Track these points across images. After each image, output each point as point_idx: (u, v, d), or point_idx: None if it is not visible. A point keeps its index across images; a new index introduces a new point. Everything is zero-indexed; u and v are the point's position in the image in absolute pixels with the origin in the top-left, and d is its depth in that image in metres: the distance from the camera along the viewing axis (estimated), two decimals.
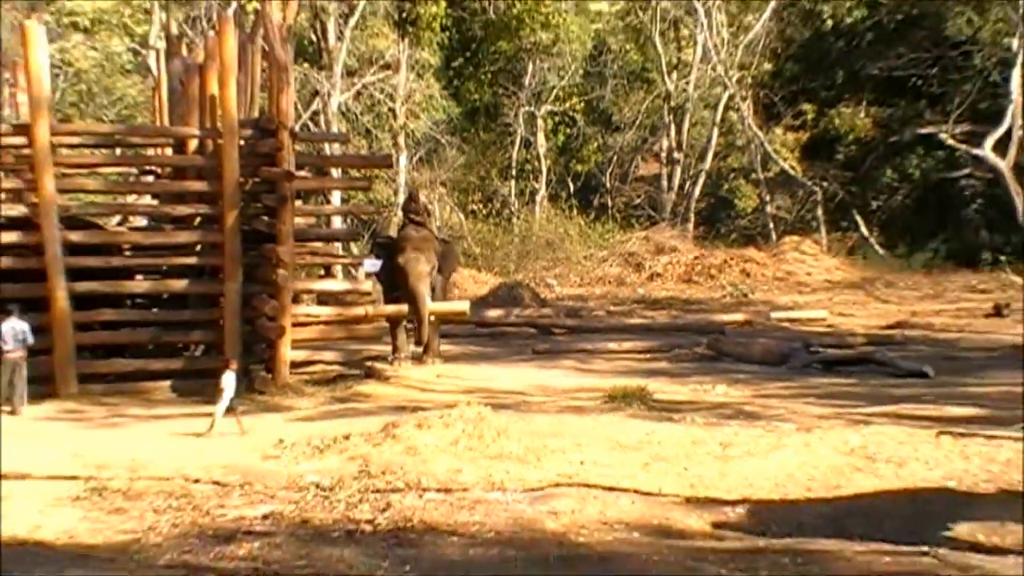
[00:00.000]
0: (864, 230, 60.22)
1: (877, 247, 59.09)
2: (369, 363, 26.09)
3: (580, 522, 16.30)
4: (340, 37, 57.75)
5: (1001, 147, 40.88)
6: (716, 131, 63.83)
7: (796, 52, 64.53)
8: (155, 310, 28.78)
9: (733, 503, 17.10)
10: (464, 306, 32.18)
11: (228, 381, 23.84)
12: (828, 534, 15.30)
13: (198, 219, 29.14)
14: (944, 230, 59.64)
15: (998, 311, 40.11)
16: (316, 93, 54.74)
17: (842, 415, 23.40)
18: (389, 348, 30.30)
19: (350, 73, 58.58)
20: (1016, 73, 47.76)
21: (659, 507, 16.95)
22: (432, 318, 29.98)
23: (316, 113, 53.10)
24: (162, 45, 55.88)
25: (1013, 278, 46.65)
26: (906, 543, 14.12)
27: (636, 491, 17.79)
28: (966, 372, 29.14)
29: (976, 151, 43.62)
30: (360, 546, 15.49)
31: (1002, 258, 52.69)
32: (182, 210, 30.00)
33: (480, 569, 14.31)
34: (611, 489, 17.89)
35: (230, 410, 23.25)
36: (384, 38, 59.76)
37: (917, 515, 15.63)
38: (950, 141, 46.76)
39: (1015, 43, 49.02)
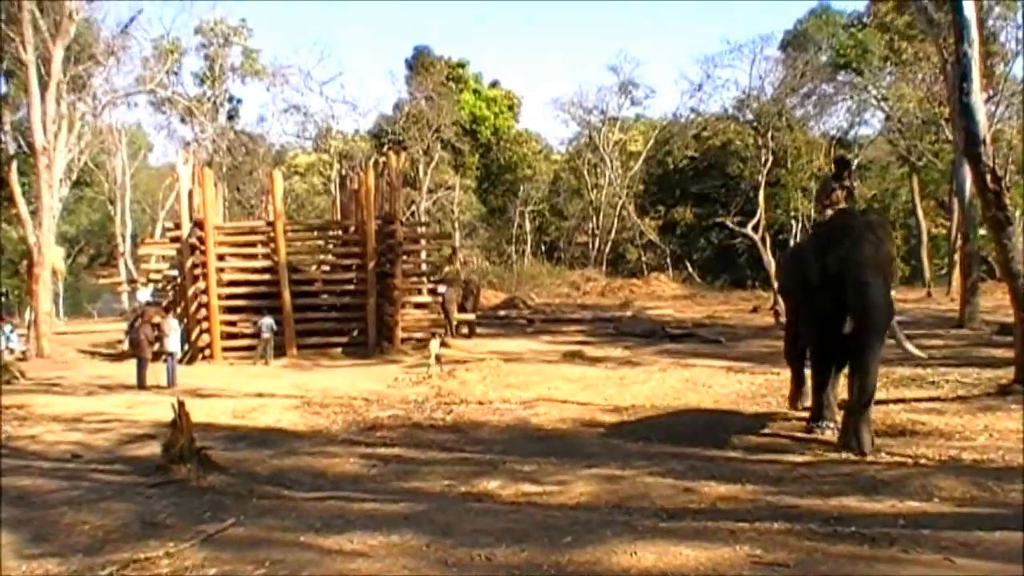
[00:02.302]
0: (690, 269, 60.15)
1: (697, 278, 59.08)
2: (441, 339, 26.10)
3: (549, 419, 16.35)
4: (424, 173, 57.68)
5: (755, 228, 41.23)
6: (616, 219, 63.60)
7: (656, 179, 64.57)
8: (333, 312, 28.70)
9: (627, 408, 17.10)
10: (472, 316, 31.89)
11: (434, 345, 24.24)
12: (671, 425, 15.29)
13: (354, 265, 29.07)
14: (728, 270, 59.57)
15: (754, 310, 40.21)
16: (413, 201, 54.61)
17: (679, 362, 23.34)
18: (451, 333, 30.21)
19: (430, 191, 58.56)
20: (761, 193, 47.77)
21: (589, 411, 16.94)
22: (459, 320, 29.90)
23: (413, 212, 53.02)
24: (336, 179, 56.12)
25: (761, 293, 46.50)
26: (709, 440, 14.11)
27: (578, 402, 17.80)
28: (739, 340, 29.05)
29: (743, 230, 43.72)
30: (438, 431, 15.58)
31: (756, 283, 52.83)
32: (347, 261, 29.98)
33: (499, 442, 14.39)
34: (564, 401, 17.91)
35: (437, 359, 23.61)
36: (447, 173, 59.71)
37: (716, 424, 15.58)
38: (730, 224, 46.81)
39: (761, 177, 48.98)
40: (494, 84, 66.22)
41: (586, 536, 7.49)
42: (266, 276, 27.98)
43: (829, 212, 14.80)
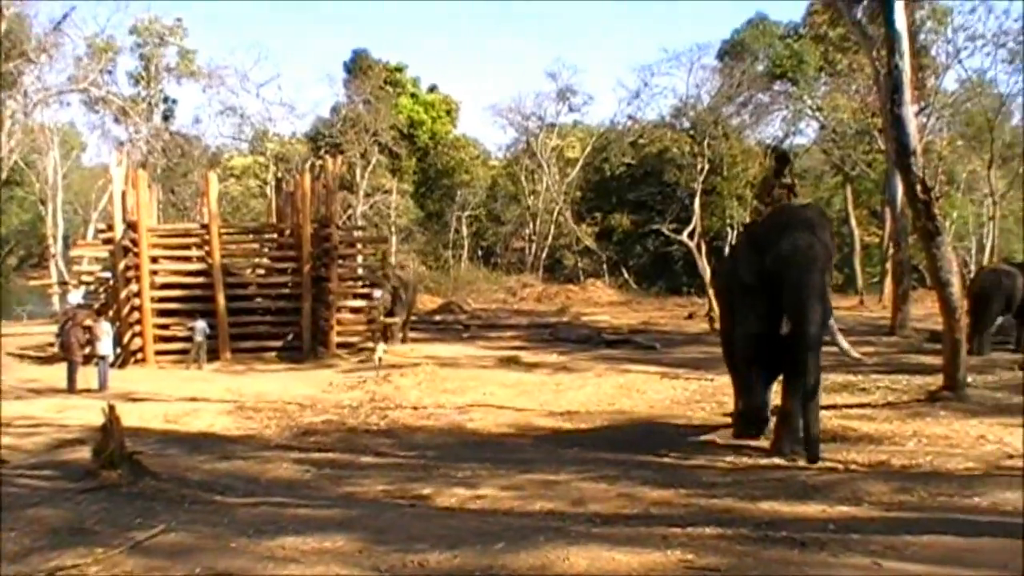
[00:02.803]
0: (627, 276, 60.41)
1: (633, 285, 59.37)
2: (375, 344, 26.04)
3: (485, 424, 16.41)
4: (361, 177, 57.45)
5: (690, 236, 41.59)
6: (553, 226, 63.79)
7: (593, 186, 64.80)
8: (268, 316, 28.53)
9: (562, 413, 17.18)
10: (398, 320, 31.39)
11: (380, 349, 24.45)
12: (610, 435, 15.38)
13: (290, 269, 28.94)
14: (664, 276, 59.95)
15: (690, 316, 40.52)
16: (350, 205, 54.38)
17: (615, 368, 23.48)
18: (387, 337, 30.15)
19: (367, 195, 58.32)
20: (697, 201, 48.17)
21: (525, 416, 17.03)
22: (386, 324, 29.75)
23: (350, 216, 52.77)
24: (272, 182, 55.77)
25: (696, 299, 46.85)
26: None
27: (513, 408, 17.87)
28: (674, 346, 29.25)
29: (679, 237, 44.07)
30: (372, 436, 15.57)
31: (692, 290, 53.16)
32: (282, 265, 29.84)
33: (434, 448, 14.41)
34: (500, 407, 17.98)
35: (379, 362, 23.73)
36: (384, 177, 59.52)
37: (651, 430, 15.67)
38: (666, 232, 47.14)
39: (697, 185, 49.36)
40: (432, 89, 66.16)
41: (520, 542, 7.50)
42: (200, 279, 27.76)
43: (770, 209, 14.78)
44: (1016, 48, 44.41)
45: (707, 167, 54.46)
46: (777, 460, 12.33)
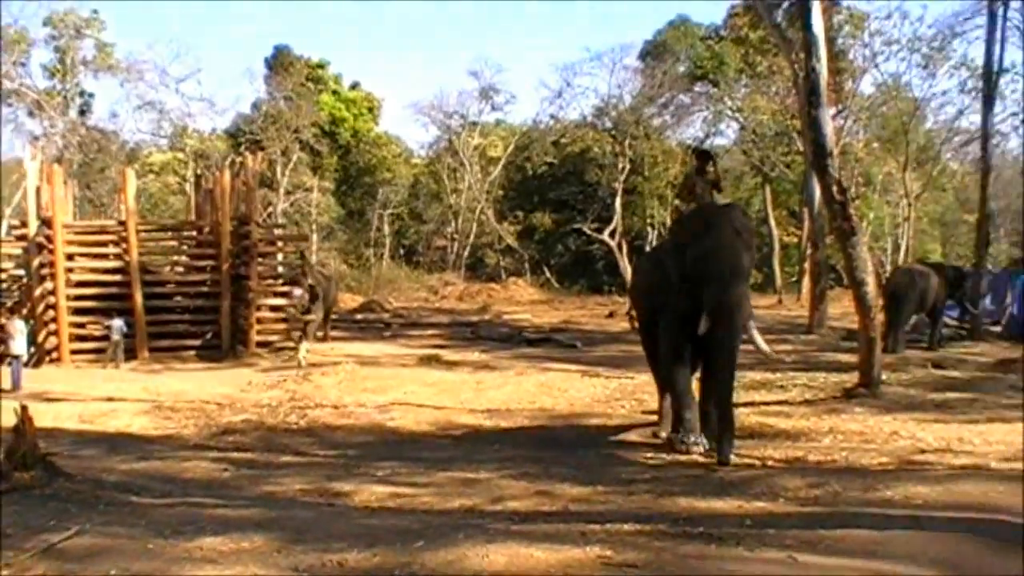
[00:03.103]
0: (548, 275, 60.63)
1: (554, 283, 59.61)
2: (297, 343, 25.89)
3: (405, 423, 16.40)
4: (282, 174, 57.11)
5: (611, 235, 41.70)
6: (475, 224, 63.87)
7: (515, 185, 64.97)
8: (187, 315, 28.22)
9: (482, 411, 17.23)
10: (313, 318, 30.93)
11: (303, 348, 24.75)
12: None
13: (209, 267, 28.65)
14: (585, 275, 60.27)
15: (610, 315, 40.71)
16: (270, 203, 53.98)
17: (536, 366, 23.54)
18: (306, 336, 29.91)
19: (287, 193, 57.99)
20: (618, 200, 48.55)
21: (445, 415, 17.03)
22: (316, 321, 29.50)
23: (270, 214, 52.37)
24: (192, 178, 55.17)
25: (617, 298, 47.14)
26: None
27: (434, 406, 17.85)
28: (595, 345, 29.45)
29: (600, 236, 44.31)
30: (292, 435, 15.51)
31: (613, 289, 53.48)
32: (201, 263, 29.53)
33: (353, 446, 14.40)
34: (420, 405, 17.94)
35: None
36: (305, 175, 59.18)
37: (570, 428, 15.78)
38: (588, 231, 47.43)
39: (618, 184, 49.71)
40: (354, 86, 65.84)
41: (439, 539, 7.52)
42: (117, 277, 27.34)
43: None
44: (930, 53, 45.35)
45: (628, 167, 54.94)
46: (696, 457, 12.45)
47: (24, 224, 27.03)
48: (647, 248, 48.80)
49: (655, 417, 15.16)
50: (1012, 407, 15.80)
